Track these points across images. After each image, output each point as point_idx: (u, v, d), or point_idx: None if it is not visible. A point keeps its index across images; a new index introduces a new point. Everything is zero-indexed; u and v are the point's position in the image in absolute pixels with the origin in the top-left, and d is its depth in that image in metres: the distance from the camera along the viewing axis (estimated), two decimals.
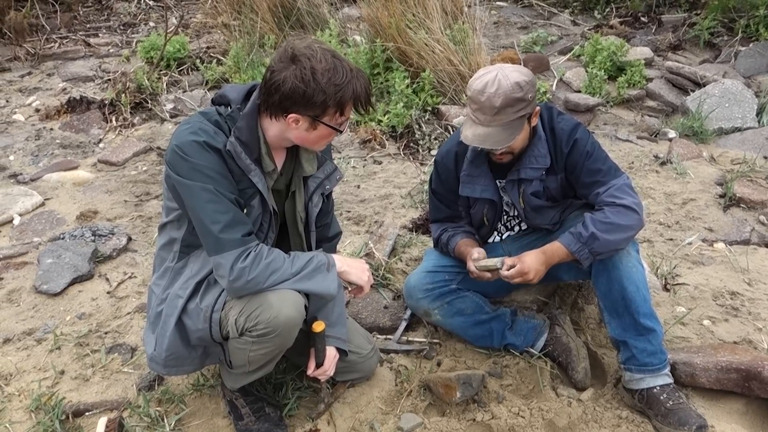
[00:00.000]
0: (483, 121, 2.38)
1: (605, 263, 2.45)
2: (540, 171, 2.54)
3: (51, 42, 7.21)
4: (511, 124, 2.38)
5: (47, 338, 2.97)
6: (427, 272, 2.82)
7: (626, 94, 5.53)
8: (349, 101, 2.06)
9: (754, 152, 4.66)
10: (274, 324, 2.06)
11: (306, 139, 2.13)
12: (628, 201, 2.40)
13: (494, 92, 2.33)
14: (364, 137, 4.95)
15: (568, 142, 2.51)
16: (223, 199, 2.04)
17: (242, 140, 2.09)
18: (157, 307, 2.25)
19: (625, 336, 2.48)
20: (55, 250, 3.53)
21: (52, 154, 4.91)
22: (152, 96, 5.69)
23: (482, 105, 2.36)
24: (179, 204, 2.13)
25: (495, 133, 2.38)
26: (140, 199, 4.27)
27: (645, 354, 2.46)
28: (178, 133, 2.07)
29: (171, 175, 2.06)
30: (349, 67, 2.05)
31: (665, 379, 2.47)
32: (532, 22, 7.50)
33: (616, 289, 2.44)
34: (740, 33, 6.47)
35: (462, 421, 2.49)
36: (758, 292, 3.24)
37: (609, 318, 2.52)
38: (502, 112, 2.35)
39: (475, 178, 2.65)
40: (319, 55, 2.00)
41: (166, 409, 2.57)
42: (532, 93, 2.38)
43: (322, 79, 1.98)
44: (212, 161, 2.04)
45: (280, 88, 2.00)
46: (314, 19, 6.35)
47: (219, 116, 2.12)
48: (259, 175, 2.14)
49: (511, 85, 2.33)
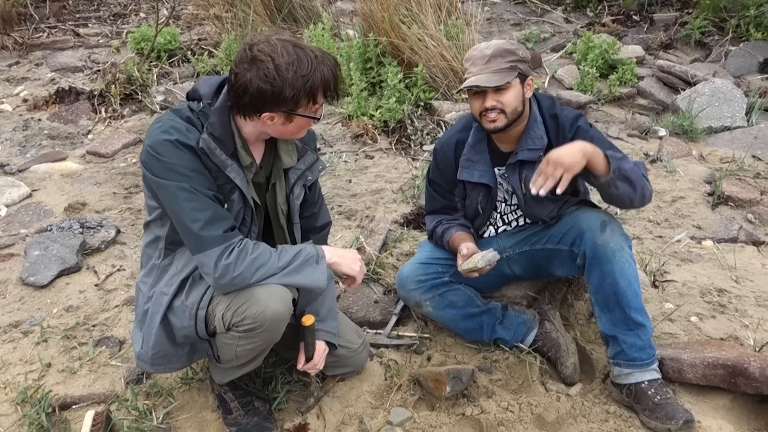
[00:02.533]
0: (475, 71, 2.48)
1: (598, 257, 2.45)
2: (537, 152, 2.55)
3: (39, 31, 7.17)
4: (502, 71, 2.46)
5: (34, 331, 2.95)
6: (420, 263, 2.82)
7: (617, 92, 5.55)
8: (319, 88, 2.01)
9: (742, 151, 4.69)
10: (261, 319, 2.04)
11: (284, 131, 2.11)
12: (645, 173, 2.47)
13: (486, 46, 2.49)
14: (356, 132, 4.94)
15: (572, 128, 2.56)
16: (201, 196, 2.00)
17: (216, 136, 2.05)
18: (144, 305, 2.23)
19: (615, 331, 2.49)
20: (42, 242, 3.50)
21: (40, 144, 4.88)
22: (142, 87, 5.66)
23: (474, 58, 2.49)
24: (158, 203, 2.10)
25: (486, 78, 2.46)
26: (129, 192, 4.24)
27: (634, 349, 2.47)
28: (150, 133, 2.03)
29: (147, 175, 2.03)
30: (313, 53, 1.99)
31: (653, 374, 2.49)
32: (525, 19, 7.52)
33: (609, 282, 2.45)
34: (731, 33, 6.51)
35: (451, 415, 2.49)
36: (745, 289, 3.26)
37: (600, 312, 2.53)
38: (493, 60, 2.45)
39: (475, 163, 2.68)
40: (280, 49, 1.94)
41: (154, 402, 2.56)
42: (523, 52, 2.51)
43: (288, 74, 1.93)
44: (186, 159, 2.00)
45: (247, 91, 1.95)
46: (307, 13, 6.33)
47: (191, 112, 2.08)
48: (237, 169, 2.10)
49: (502, 42, 2.51)
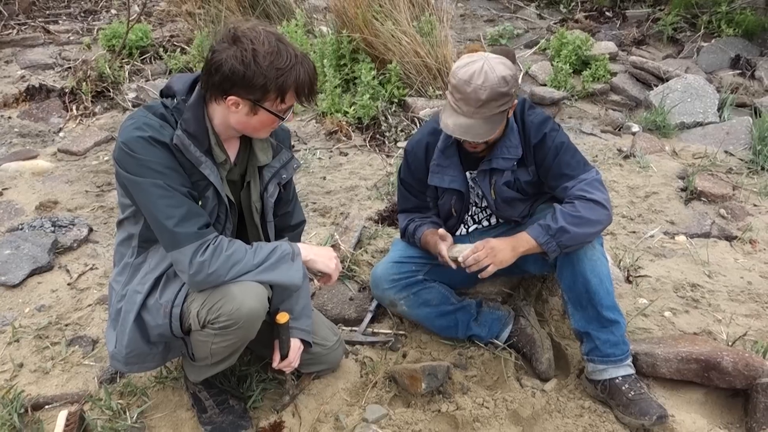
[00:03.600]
0: (466, 112, 2.34)
1: (570, 256, 2.46)
2: (511, 161, 2.54)
3: (9, 28, 7.04)
4: (493, 118, 2.36)
5: (5, 330, 2.91)
6: (393, 263, 2.82)
7: (591, 88, 5.60)
8: (291, 87, 1.99)
9: (715, 147, 4.75)
10: (236, 316, 2.03)
11: (247, 124, 2.07)
12: (598, 196, 2.40)
13: (481, 85, 2.29)
14: (330, 129, 4.93)
15: (537, 134, 2.51)
16: (175, 193, 1.99)
17: (190, 132, 2.03)
18: (117, 304, 2.20)
19: (588, 328, 2.51)
20: (13, 241, 3.45)
21: (11, 143, 4.80)
22: (114, 85, 5.59)
23: (467, 96, 2.32)
24: (132, 201, 2.08)
25: (477, 126, 2.36)
26: (101, 190, 4.19)
27: (608, 345, 2.49)
28: (123, 130, 2.01)
29: (120, 172, 2.01)
30: (294, 52, 1.98)
31: (627, 370, 2.50)
32: (499, 15, 7.55)
33: (580, 281, 2.46)
34: (703, 29, 6.59)
35: (427, 412, 2.50)
36: (718, 284, 3.30)
37: (573, 310, 2.55)
38: (486, 106, 2.31)
39: (445, 168, 2.64)
40: (263, 38, 1.94)
41: (128, 401, 2.53)
42: (515, 88, 2.37)
43: (264, 62, 1.92)
44: (160, 156, 1.98)
45: (221, 69, 1.94)
46: (280, 9, 6.30)
47: (165, 109, 2.06)
48: (211, 166, 2.09)
49: (498, 79, 2.30)
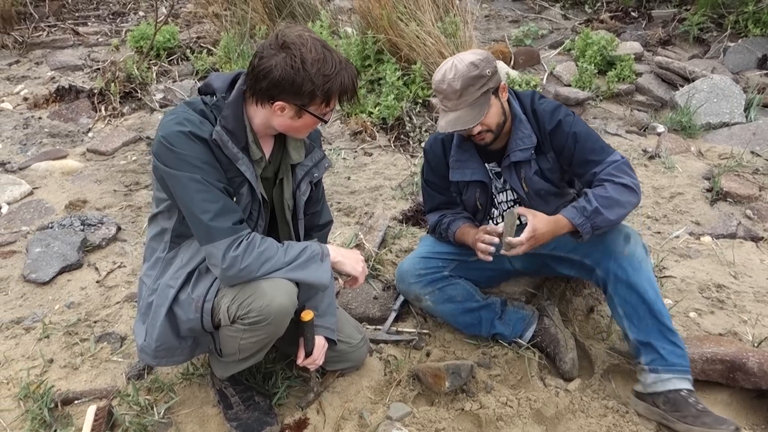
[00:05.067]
0: (451, 106, 2.46)
1: (625, 269, 2.44)
2: (528, 151, 2.56)
3: (39, 30, 7.17)
4: (477, 102, 2.45)
5: (36, 327, 2.97)
6: (420, 257, 2.83)
7: (616, 89, 5.56)
8: (336, 92, 2.05)
9: (741, 147, 4.70)
10: (266, 312, 2.06)
11: (290, 126, 2.12)
12: (628, 180, 2.44)
13: (453, 77, 2.42)
14: (355, 129, 4.95)
15: (551, 120, 2.54)
16: (212, 188, 2.03)
17: (228, 129, 2.08)
18: (148, 298, 2.24)
19: (649, 338, 2.43)
20: (43, 239, 3.51)
21: (41, 143, 4.89)
22: (142, 86, 5.67)
23: (445, 92, 2.45)
24: (168, 195, 2.11)
25: (464, 115, 2.45)
26: (129, 189, 4.25)
27: (674, 355, 2.41)
28: (163, 124, 2.05)
29: (158, 166, 2.05)
30: (339, 58, 2.04)
31: (688, 385, 2.41)
32: (524, 16, 7.52)
33: (638, 292, 2.42)
34: (729, 29, 6.51)
35: (450, 410, 2.51)
36: (744, 285, 3.27)
37: (629, 323, 2.47)
38: (465, 93, 2.42)
39: (464, 162, 2.69)
40: (310, 45, 1.99)
41: (155, 397, 2.57)
42: (489, 68, 2.45)
43: (312, 69, 1.97)
44: (199, 151, 2.02)
45: (269, 75, 1.98)
46: (305, 10, 6.34)
47: (204, 105, 2.11)
48: (247, 163, 2.13)
49: (467, 66, 2.42)
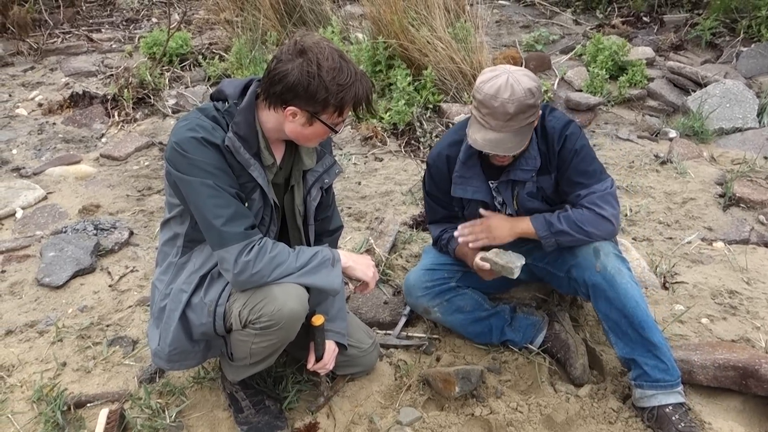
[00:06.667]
0: (494, 126, 2.32)
1: (599, 285, 2.44)
2: (530, 173, 2.53)
3: (54, 37, 7.23)
4: (522, 130, 2.35)
5: (49, 330, 2.99)
6: (426, 270, 2.83)
7: (627, 94, 5.54)
8: (349, 103, 2.06)
9: (754, 152, 4.67)
10: (277, 317, 2.08)
11: (300, 133, 2.13)
12: (608, 212, 2.44)
13: (508, 98, 2.26)
14: (366, 134, 4.97)
15: (560, 139, 2.49)
16: (224, 193, 2.04)
17: (240, 135, 2.09)
18: (161, 302, 2.26)
19: (633, 354, 2.44)
20: (57, 244, 3.55)
21: (55, 148, 4.93)
22: (154, 91, 5.71)
23: (494, 110, 2.29)
24: (181, 200, 2.14)
25: (507, 139, 2.34)
26: (142, 194, 4.28)
27: (657, 370, 2.40)
28: (176, 131, 2.07)
29: (171, 171, 2.07)
30: (354, 69, 2.05)
31: (677, 398, 2.41)
32: (534, 21, 7.51)
33: (617, 307, 2.42)
34: (742, 33, 6.47)
35: (460, 415, 2.51)
36: (756, 291, 3.25)
37: (615, 339, 2.49)
38: (515, 119, 2.29)
39: (468, 179, 2.62)
40: (327, 53, 2.00)
41: (167, 401, 2.59)
42: (541, 99, 2.35)
43: (327, 77, 1.98)
44: (211, 157, 2.04)
45: (285, 79, 2.00)
46: (316, 16, 6.36)
47: (216, 112, 2.13)
48: (259, 169, 2.15)
49: (524, 92, 2.27)
